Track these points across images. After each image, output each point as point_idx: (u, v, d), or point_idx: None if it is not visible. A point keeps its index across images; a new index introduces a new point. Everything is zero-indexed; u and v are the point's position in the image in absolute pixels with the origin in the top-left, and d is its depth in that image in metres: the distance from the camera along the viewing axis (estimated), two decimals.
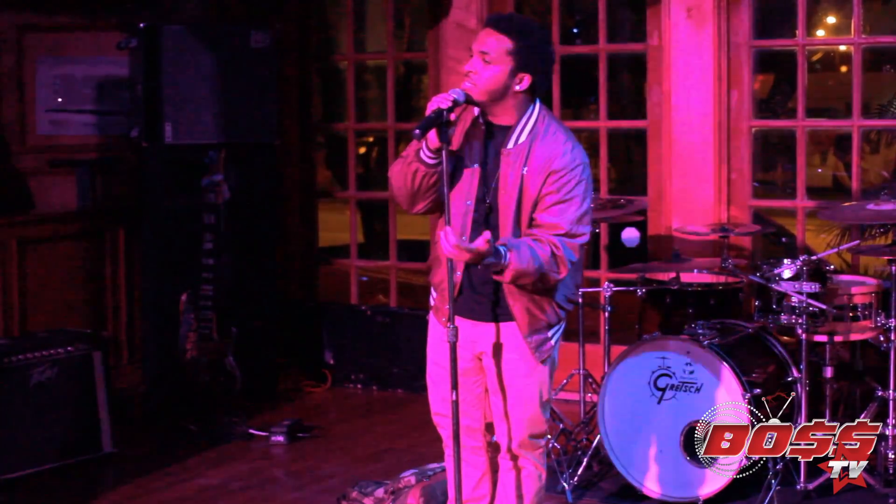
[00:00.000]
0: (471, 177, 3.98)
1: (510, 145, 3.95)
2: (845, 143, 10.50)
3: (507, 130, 3.96)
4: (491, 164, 3.97)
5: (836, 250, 6.36)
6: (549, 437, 4.89)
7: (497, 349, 4.05)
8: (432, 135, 3.84)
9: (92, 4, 7.26)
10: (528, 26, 3.96)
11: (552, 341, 4.06)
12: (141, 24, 6.61)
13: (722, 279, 5.82)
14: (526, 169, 3.91)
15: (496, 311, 4.04)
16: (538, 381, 4.08)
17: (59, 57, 7.27)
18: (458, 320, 3.96)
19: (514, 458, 4.18)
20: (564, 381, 5.93)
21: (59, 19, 7.25)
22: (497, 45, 3.87)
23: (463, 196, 3.98)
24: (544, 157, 3.90)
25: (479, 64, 3.89)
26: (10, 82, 7.15)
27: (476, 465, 4.26)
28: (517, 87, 3.91)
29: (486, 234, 3.76)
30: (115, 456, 5.93)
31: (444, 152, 3.84)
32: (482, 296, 4.04)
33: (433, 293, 4.18)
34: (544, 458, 4.24)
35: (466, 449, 4.18)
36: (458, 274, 4.02)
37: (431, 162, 3.89)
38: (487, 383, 4.14)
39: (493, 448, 4.25)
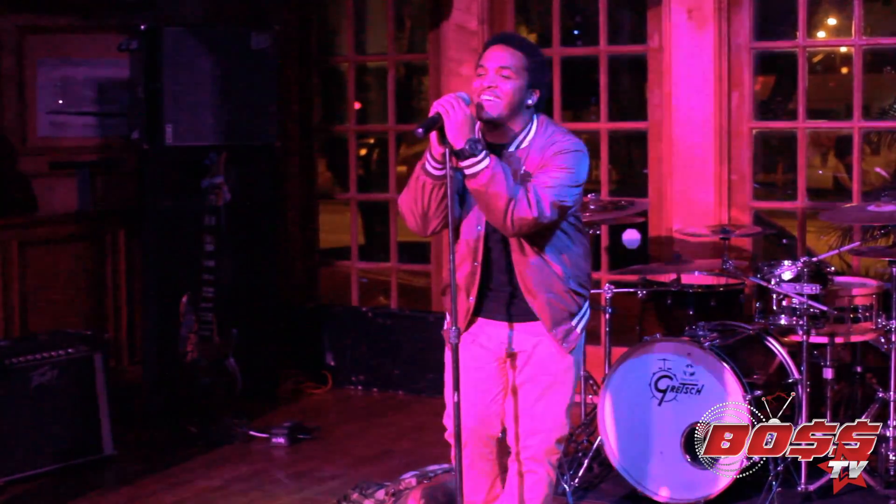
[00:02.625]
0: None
1: (512, 148, 4.00)
2: (846, 144, 10.51)
3: (509, 143, 4.00)
4: None
5: (836, 252, 6.36)
6: None
7: (526, 353, 4.09)
8: (435, 143, 3.85)
9: (92, 6, 7.26)
10: (533, 45, 4.07)
11: (577, 330, 4.08)
12: (141, 26, 6.61)
13: (722, 281, 5.82)
14: (524, 167, 3.96)
15: (519, 313, 4.07)
16: (568, 382, 4.10)
17: (60, 58, 7.27)
18: (485, 322, 4.03)
19: (525, 461, 4.18)
20: None
21: (60, 21, 7.25)
22: (515, 60, 3.94)
23: (474, 221, 4.03)
24: (542, 148, 3.96)
25: (499, 79, 3.92)
26: (10, 84, 7.15)
27: (487, 472, 4.28)
28: (529, 102, 3.99)
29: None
30: (116, 458, 5.93)
31: (447, 158, 3.84)
32: (502, 299, 4.08)
33: (447, 317, 4.19)
34: (558, 464, 4.25)
35: (481, 457, 4.20)
36: (472, 299, 4.06)
37: (438, 172, 3.89)
38: (517, 387, 4.14)
39: (502, 448, 4.26)
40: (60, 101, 7.30)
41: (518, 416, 4.14)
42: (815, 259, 5.26)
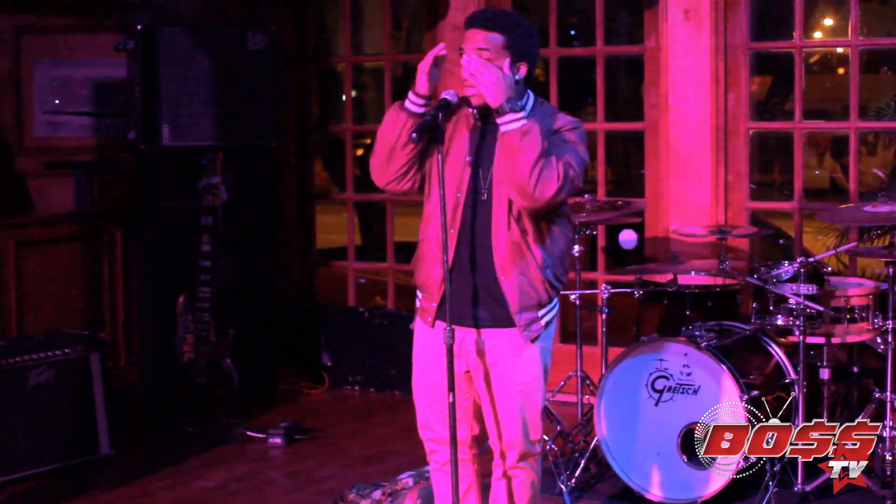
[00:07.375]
0: (462, 169, 3.96)
1: None
2: (842, 145, 10.53)
3: None
4: (485, 157, 3.95)
5: (833, 252, 6.38)
6: (545, 438, 4.89)
7: (489, 357, 3.99)
8: (421, 79, 3.89)
9: (90, 6, 7.26)
10: (513, 18, 4.02)
11: (541, 322, 3.99)
12: (138, 26, 6.61)
13: (719, 281, 5.82)
14: None
15: (485, 317, 3.99)
16: (537, 389, 4.03)
17: (57, 59, 7.26)
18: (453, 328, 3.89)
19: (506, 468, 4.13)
20: (562, 382, 5.93)
21: (57, 21, 7.25)
22: (491, 44, 3.89)
23: (453, 189, 3.95)
24: (542, 123, 3.89)
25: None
26: (7, 84, 7.15)
27: (462, 477, 4.16)
28: (517, 78, 3.93)
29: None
30: (113, 458, 5.92)
31: (437, 124, 3.84)
32: (467, 300, 3.97)
33: (419, 295, 4.14)
34: (539, 463, 4.21)
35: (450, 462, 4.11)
36: (449, 262, 3.91)
37: (418, 110, 3.89)
38: (481, 392, 4.06)
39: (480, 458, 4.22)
40: (57, 101, 7.29)
41: (493, 423, 4.06)
42: (811, 259, 5.27)
